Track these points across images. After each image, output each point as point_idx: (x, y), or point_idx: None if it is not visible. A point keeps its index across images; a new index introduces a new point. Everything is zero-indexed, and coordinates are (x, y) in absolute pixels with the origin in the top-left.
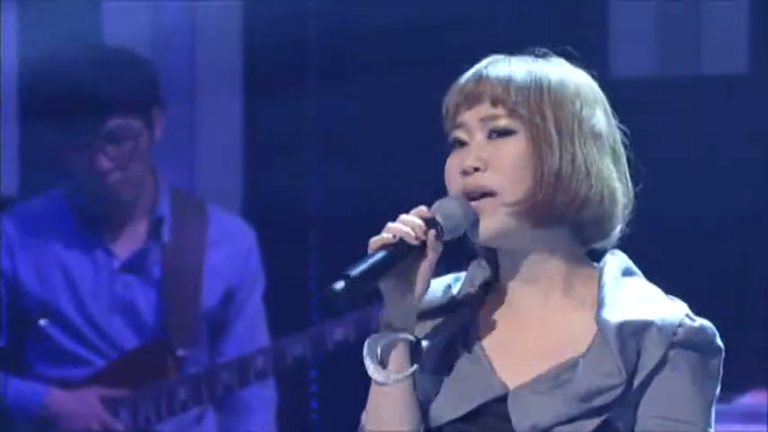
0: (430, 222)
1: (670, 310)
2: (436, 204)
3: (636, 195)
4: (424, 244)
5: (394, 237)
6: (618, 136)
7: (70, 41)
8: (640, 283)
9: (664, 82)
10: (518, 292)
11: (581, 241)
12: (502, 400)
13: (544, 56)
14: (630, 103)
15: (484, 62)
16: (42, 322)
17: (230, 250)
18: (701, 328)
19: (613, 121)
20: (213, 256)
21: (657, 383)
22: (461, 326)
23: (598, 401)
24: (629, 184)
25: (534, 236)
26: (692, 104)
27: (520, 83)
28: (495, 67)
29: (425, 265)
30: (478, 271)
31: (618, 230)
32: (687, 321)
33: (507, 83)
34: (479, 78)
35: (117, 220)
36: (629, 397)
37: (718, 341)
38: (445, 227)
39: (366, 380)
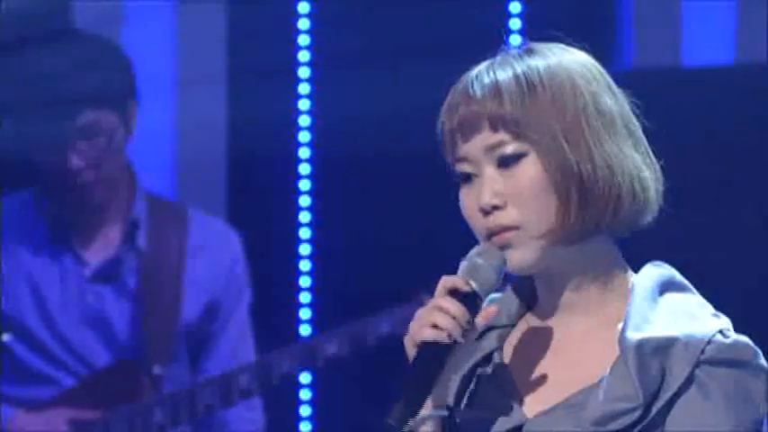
0: (469, 298)
1: (701, 325)
2: (466, 269)
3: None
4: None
5: (449, 337)
6: (628, 109)
7: (41, 29)
8: (682, 298)
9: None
10: (555, 315)
11: (616, 239)
12: (519, 429)
13: (526, 51)
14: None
15: (472, 74)
16: (5, 337)
17: (213, 257)
18: (736, 345)
19: (621, 95)
20: (194, 263)
21: (682, 406)
22: (487, 350)
23: (612, 426)
24: (653, 160)
25: (569, 253)
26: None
27: (512, 91)
28: (481, 81)
29: (469, 346)
30: (512, 296)
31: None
32: (719, 337)
33: (499, 96)
34: (468, 99)
35: (88, 223)
36: (650, 422)
37: (761, 360)
38: (481, 292)
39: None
